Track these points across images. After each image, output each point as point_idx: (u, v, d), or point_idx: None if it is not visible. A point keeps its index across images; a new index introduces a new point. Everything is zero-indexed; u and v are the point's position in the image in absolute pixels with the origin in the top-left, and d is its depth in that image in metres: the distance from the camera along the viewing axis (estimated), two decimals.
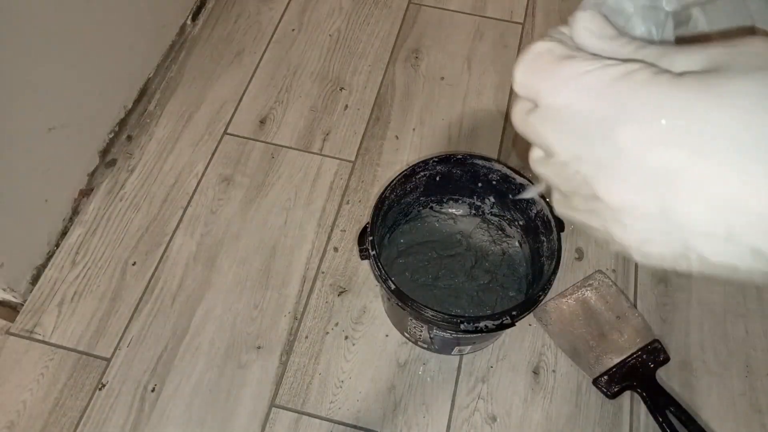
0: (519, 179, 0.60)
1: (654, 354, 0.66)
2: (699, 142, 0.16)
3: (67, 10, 0.67)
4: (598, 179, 0.19)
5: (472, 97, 0.87)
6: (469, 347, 0.64)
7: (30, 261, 0.71)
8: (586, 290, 0.70)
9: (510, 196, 0.64)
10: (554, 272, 0.54)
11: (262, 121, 0.85)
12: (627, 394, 0.66)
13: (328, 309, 0.71)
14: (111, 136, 0.81)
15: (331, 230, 0.76)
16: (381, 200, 0.58)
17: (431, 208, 0.71)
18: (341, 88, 0.88)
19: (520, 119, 0.22)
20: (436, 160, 0.61)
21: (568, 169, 0.20)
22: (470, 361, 0.68)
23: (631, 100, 0.18)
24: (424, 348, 0.68)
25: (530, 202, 0.61)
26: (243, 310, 0.71)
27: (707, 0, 0.25)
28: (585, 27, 0.21)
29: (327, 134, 0.84)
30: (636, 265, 0.74)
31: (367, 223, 0.57)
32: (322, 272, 0.73)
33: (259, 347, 0.68)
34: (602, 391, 0.65)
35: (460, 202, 0.70)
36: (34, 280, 0.72)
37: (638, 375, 0.65)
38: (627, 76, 0.18)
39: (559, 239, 0.56)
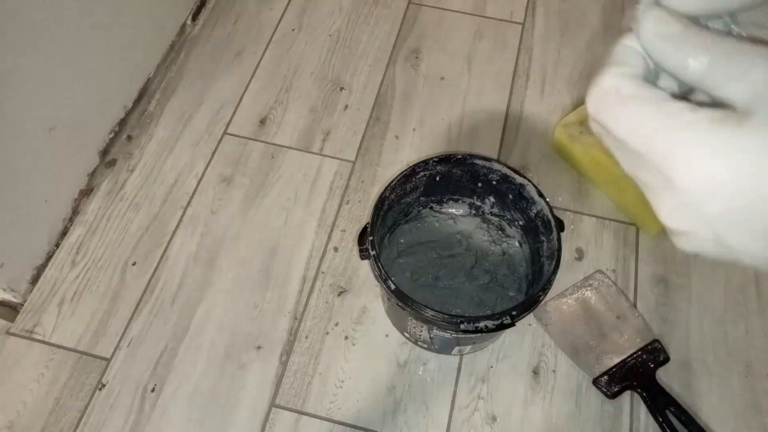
0: (519, 179, 0.60)
1: (654, 354, 0.66)
2: (750, 189, 0.18)
3: (67, 10, 0.67)
4: (655, 200, 0.21)
5: (472, 97, 0.87)
6: (469, 347, 0.64)
7: (30, 261, 0.71)
8: (586, 290, 0.70)
9: None
10: (554, 272, 0.54)
11: (262, 121, 0.85)
12: (627, 394, 0.66)
13: (328, 309, 0.71)
14: (111, 136, 0.81)
15: (331, 230, 0.76)
16: (381, 200, 0.58)
17: (431, 208, 0.71)
18: (341, 88, 0.88)
19: (596, 132, 0.24)
20: (436, 160, 0.61)
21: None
22: (470, 361, 0.68)
23: (687, 151, 0.19)
24: (424, 348, 0.68)
25: (530, 202, 0.61)
26: (243, 310, 0.71)
27: None
28: (650, 29, 0.21)
29: (327, 134, 0.84)
30: (636, 265, 0.74)
31: (367, 223, 0.57)
32: (322, 272, 0.73)
33: (259, 347, 0.68)
34: (602, 391, 0.65)
35: (460, 202, 0.70)
36: (34, 280, 0.72)
37: (638, 375, 0.65)
38: (684, 128, 0.19)
39: (559, 239, 0.56)
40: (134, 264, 0.73)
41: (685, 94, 0.24)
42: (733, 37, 0.19)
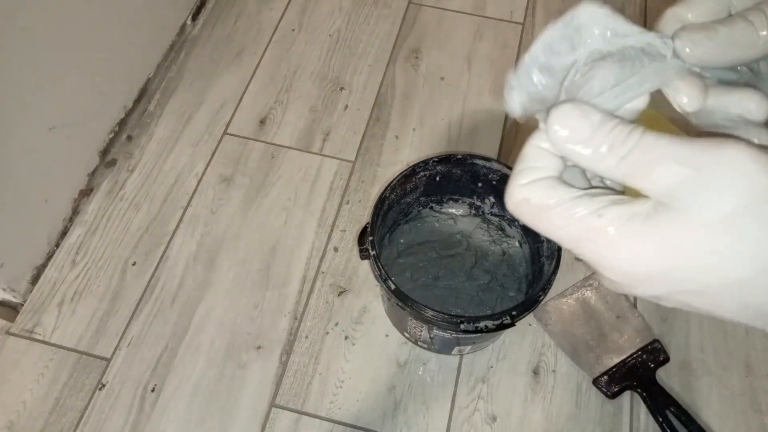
0: None
1: (654, 354, 0.66)
2: (665, 282, 0.19)
3: (67, 10, 0.67)
4: (600, 279, 0.22)
5: (472, 97, 0.87)
6: (469, 347, 0.64)
7: (30, 261, 0.71)
8: (586, 290, 0.70)
9: None
10: (554, 272, 0.54)
11: (262, 121, 0.85)
12: (627, 394, 0.66)
13: (328, 309, 0.71)
14: (111, 136, 0.81)
15: (331, 230, 0.76)
16: (381, 200, 0.58)
17: (431, 208, 0.71)
18: (341, 88, 0.88)
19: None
20: (436, 160, 0.61)
21: None
22: (470, 361, 0.68)
23: (601, 254, 0.20)
24: (424, 348, 0.68)
25: None
26: (243, 310, 0.71)
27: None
28: (558, 135, 0.21)
29: (327, 134, 0.84)
30: None
31: (367, 223, 0.57)
32: (322, 272, 0.73)
33: (259, 347, 0.68)
34: (602, 391, 0.65)
35: (460, 202, 0.70)
36: (34, 280, 0.72)
37: (638, 375, 0.65)
38: (595, 236, 0.20)
39: None
40: (134, 264, 0.73)
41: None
42: (640, 133, 0.19)
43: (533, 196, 0.21)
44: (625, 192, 0.21)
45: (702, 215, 0.18)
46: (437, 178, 0.64)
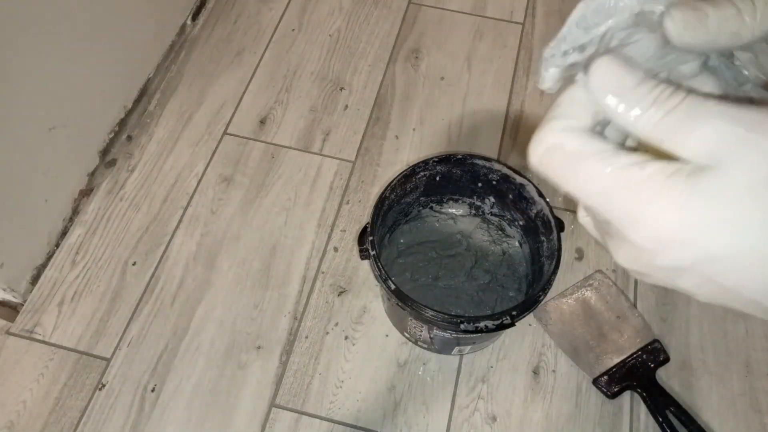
0: (519, 179, 0.60)
1: (654, 354, 0.66)
2: (701, 247, 0.18)
3: (67, 10, 0.67)
4: (609, 243, 0.21)
5: (472, 97, 0.87)
6: (469, 347, 0.64)
7: (30, 261, 0.71)
8: (586, 290, 0.70)
9: None
10: (554, 272, 0.54)
11: (262, 121, 0.85)
12: (627, 394, 0.66)
13: (328, 309, 0.71)
14: (111, 136, 0.81)
15: (331, 230, 0.76)
16: (381, 200, 0.58)
17: (431, 208, 0.71)
18: (341, 88, 0.88)
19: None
20: (436, 160, 0.61)
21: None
22: (470, 361, 0.68)
23: (636, 210, 0.19)
24: (424, 348, 0.68)
25: (530, 202, 0.61)
26: (243, 310, 0.71)
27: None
28: (599, 84, 0.20)
29: (327, 134, 0.84)
30: None
31: (367, 223, 0.57)
32: (322, 272, 0.73)
33: (259, 347, 0.68)
34: (602, 391, 0.65)
35: (460, 202, 0.70)
36: (34, 280, 0.72)
37: (638, 375, 0.65)
38: (633, 188, 0.19)
39: (559, 239, 0.56)
40: (134, 264, 0.73)
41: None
42: (686, 91, 0.19)
43: (569, 142, 0.20)
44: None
45: (742, 178, 0.17)
46: (437, 178, 0.64)
